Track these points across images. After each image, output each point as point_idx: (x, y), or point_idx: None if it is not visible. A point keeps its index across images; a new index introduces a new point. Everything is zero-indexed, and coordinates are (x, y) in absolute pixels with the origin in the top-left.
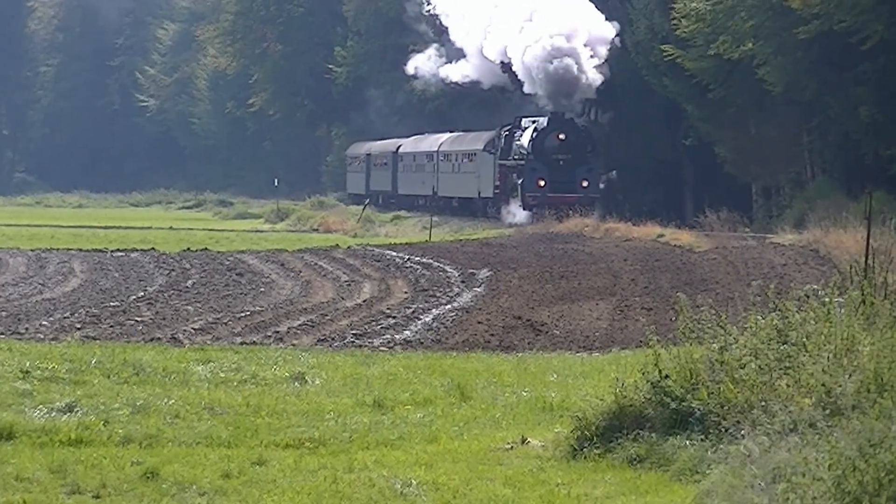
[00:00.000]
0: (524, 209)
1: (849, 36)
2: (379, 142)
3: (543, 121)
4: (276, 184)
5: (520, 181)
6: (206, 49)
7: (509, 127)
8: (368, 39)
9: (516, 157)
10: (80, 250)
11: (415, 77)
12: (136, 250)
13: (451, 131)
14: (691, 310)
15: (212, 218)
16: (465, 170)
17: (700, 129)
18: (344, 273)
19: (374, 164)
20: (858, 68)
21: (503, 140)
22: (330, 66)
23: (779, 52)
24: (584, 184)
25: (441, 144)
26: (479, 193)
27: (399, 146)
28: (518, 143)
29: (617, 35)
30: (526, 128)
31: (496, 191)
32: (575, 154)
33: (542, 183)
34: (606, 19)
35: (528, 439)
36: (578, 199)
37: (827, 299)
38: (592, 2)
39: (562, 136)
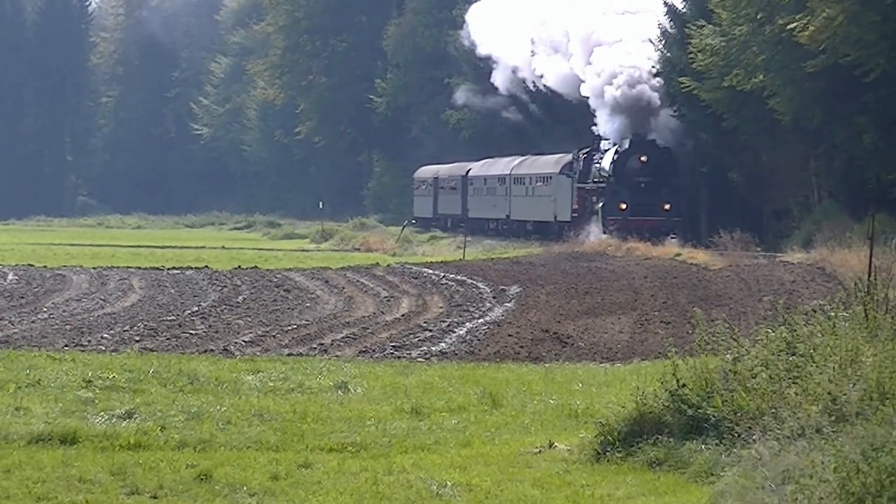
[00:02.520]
0: (604, 233)
1: (853, 69)
2: (447, 165)
3: (625, 142)
4: (320, 206)
5: (600, 204)
6: (256, 81)
7: (587, 149)
8: (407, 72)
9: (596, 179)
10: (139, 268)
11: (461, 107)
12: (191, 268)
13: (488, 157)
14: (706, 323)
15: (261, 238)
16: (540, 193)
17: (715, 155)
18: (384, 289)
19: (443, 187)
20: (862, 99)
21: (581, 163)
22: (371, 97)
23: (788, 84)
24: (667, 207)
25: (513, 168)
26: (556, 217)
27: (469, 169)
28: (597, 165)
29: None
30: (606, 150)
31: (574, 214)
32: (657, 176)
33: (623, 206)
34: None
35: (555, 444)
36: (661, 222)
37: (832, 314)
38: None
39: (644, 158)
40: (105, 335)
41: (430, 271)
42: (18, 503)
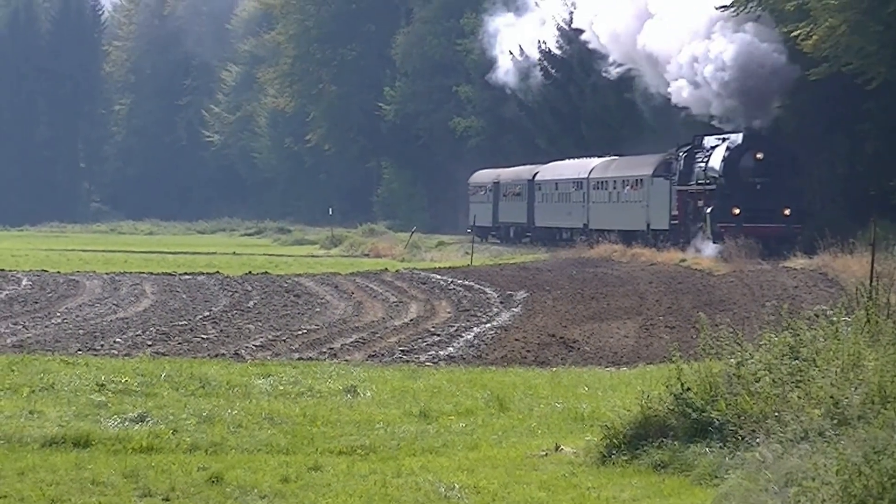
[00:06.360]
0: (714, 242)
1: (855, 77)
2: (509, 169)
3: (737, 138)
4: (330, 212)
5: (708, 210)
6: (267, 89)
7: (688, 147)
8: (415, 80)
9: (701, 181)
10: (151, 273)
11: (469, 115)
12: (203, 274)
13: (557, 158)
14: (711, 328)
15: (271, 244)
16: (629, 198)
17: None
18: (392, 294)
19: (505, 193)
20: (864, 106)
21: (682, 163)
22: (380, 105)
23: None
24: (787, 212)
25: (593, 170)
26: (649, 225)
27: (536, 173)
28: (701, 165)
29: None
30: (713, 147)
31: (673, 221)
32: (775, 177)
33: (736, 211)
34: None
35: (562, 447)
36: (780, 230)
37: (835, 319)
38: None
39: (760, 156)
40: (118, 340)
41: (438, 277)
42: None
